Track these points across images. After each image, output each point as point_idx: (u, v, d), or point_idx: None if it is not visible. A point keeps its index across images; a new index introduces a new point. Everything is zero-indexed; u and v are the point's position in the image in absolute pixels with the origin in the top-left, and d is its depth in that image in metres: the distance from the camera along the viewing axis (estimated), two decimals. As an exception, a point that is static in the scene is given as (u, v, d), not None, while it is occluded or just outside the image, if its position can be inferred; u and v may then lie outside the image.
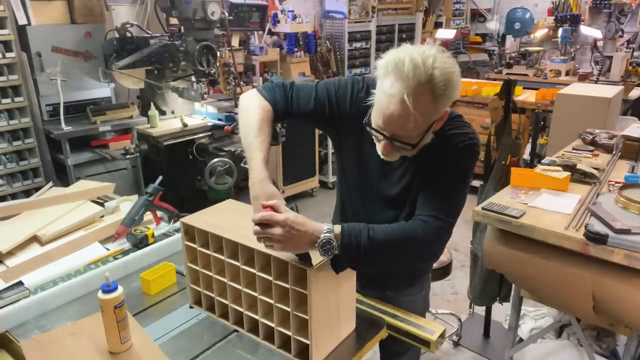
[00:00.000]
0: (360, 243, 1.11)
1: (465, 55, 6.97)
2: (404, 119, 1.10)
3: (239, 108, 1.37)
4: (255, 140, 1.24)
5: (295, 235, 1.05)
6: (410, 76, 1.06)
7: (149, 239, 1.73)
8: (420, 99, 1.08)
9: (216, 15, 3.17)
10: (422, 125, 1.14)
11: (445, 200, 1.22)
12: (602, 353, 2.23)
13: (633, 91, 4.69)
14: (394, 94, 1.09)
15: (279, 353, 1.22)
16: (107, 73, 3.43)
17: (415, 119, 1.09)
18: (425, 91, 1.08)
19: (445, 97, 1.10)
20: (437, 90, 1.08)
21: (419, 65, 1.06)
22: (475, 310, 2.97)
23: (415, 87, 1.07)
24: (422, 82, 1.07)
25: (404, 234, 1.17)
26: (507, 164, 2.39)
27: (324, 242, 1.07)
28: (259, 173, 1.17)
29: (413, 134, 1.15)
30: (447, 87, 1.09)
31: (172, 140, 3.31)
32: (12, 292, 1.44)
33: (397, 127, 1.13)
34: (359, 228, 1.13)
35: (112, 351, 1.19)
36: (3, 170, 3.06)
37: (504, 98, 2.50)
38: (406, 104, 1.07)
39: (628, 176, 2.03)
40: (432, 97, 1.09)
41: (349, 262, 1.13)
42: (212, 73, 3.33)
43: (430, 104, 1.10)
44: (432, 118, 1.14)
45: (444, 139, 1.24)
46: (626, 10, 5.86)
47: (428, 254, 1.26)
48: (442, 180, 1.24)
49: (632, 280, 1.53)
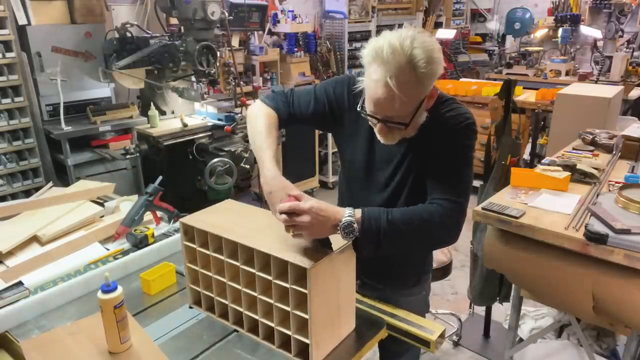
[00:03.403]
0: (380, 226, 1.15)
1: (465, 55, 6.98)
2: (391, 101, 1.16)
3: (247, 120, 1.45)
4: (263, 143, 1.30)
5: (321, 221, 1.11)
6: (390, 60, 1.13)
7: (148, 239, 1.72)
8: (403, 79, 1.13)
9: (216, 15, 3.17)
10: (410, 104, 1.19)
11: (454, 182, 1.26)
12: (602, 353, 2.23)
13: (633, 91, 4.69)
14: (378, 79, 1.15)
15: (278, 353, 1.22)
16: (107, 73, 3.43)
17: (401, 99, 1.15)
18: (407, 71, 1.13)
19: (428, 74, 1.15)
20: (418, 69, 1.13)
21: (397, 48, 1.12)
22: (475, 310, 2.97)
23: (397, 69, 1.13)
24: (402, 64, 1.12)
25: (422, 218, 1.20)
26: (507, 164, 2.39)
27: (345, 225, 1.12)
28: (270, 170, 1.23)
29: (403, 114, 1.21)
30: (428, 64, 1.13)
31: (172, 140, 3.30)
32: (12, 292, 1.44)
33: (387, 109, 1.20)
34: (378, 212, 1.17)
35: (112, 351, 1.19)
36: (3, 170, 3.06)
37: (504, 98, 2.50)
38: (390, 86, 1.13)
39: (628, 176, 2.03)
40: (415, 76, 1.14)
41: (370, 244, 1.17)
42: (212, 73, 3.33)
43: (414, 83, 1.15)
44: (419, 96, 1.20)
45: (441, 122, 1.29)
46: (626, 10, 5.86)
47: (446, 237, 1.28)
48: (448, 163, 1.28)
49: (632, 280, 1.53)
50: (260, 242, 1.18)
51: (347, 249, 1.19)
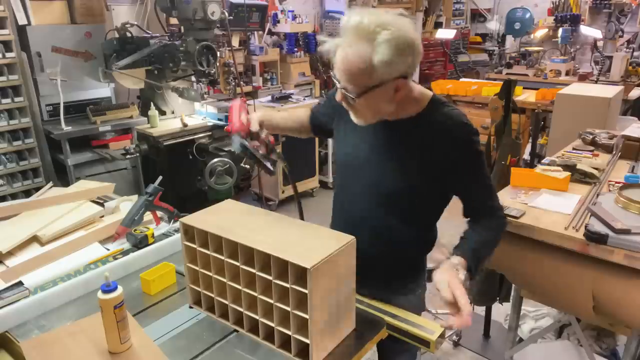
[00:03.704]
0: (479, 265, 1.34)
1: (465, 55, 6.98)
2: (347, 67, 1.20)
3: None
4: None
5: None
6: (354, 32, 1.17)
7: (148, 239, 1.72)
8: (359, 53, 1.16)
9: (216, 15, 3.17)
10: (361, 78, 1.20)
11: (489, 189, 1.41)
12: (602, 353, 2.23)
13: (633, 91, 4.69)
14: (340, 44, 1.20)
15: (278, 353, 1.22)
16: (107, 73, 3.43)
17: (352, 73, 1.19)
18: (365, 47, 1.16)
19: (386, 62, 1.16)
20: (376, 54, 1.15)
21: (365, 27, 1.16)
22: (475, 310, 2.97)
23: (357, 41, 1.16)
24: (362, 38, 1.16)
25: (497, 235, 1.42)
26: (507, 164, 2.39)
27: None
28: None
29: (354, 85, 1.22)
30: (389, 53, 1.15)
31: (172, 140, 3.30)
32: (12, 292, 1.44)
33: (343, 77, 1.22)
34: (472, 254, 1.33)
35: (112, 351, 1.19)
36: (3, 170, 3.06)
37: (504, 98, 2.50)
38: (348, 53, 1.18)
39: (628, 176, 2.03)
40: (370, 59, 1.16)
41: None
42: (212, 73, 3.33)
43: (369, 60, 1.16)
44: (371, 79, 1.20)
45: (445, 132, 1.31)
46: (626, 10, 5.86)
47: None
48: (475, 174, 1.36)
49: (632, 280, 1.53)
50: (261, 242, 1.18)
51: (347, 249, 1.19)
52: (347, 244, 1.18)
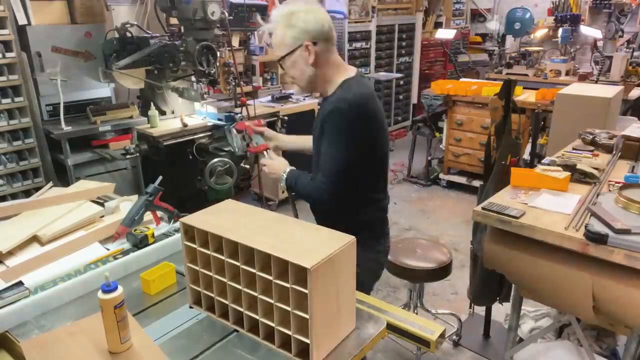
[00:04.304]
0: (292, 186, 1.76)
1: (465, 55, 6.99)
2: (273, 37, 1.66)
3: None
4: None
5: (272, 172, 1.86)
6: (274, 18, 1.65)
7: (149, 239, 1.72)
8: (278, 25, 1.63)
9: (216, 15, 3.16)
10: (280, 45, 1.64)
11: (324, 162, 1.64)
12: (602, 353, 2.23)
13: (633, 91, 4.69)
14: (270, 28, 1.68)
15: (279, 353, 1.22)
16: (107, 73, 3.43)
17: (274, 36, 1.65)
18: (282, 20, 1.62)
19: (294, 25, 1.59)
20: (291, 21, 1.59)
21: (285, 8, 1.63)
22: (475, 310, 2.97)
23: (277, 17, 1.63)
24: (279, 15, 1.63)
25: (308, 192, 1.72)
26: (507, 164, 2.39)
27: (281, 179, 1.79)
28: None
29: (277, 52, 1.67)
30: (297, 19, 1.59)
31: (172, 140, 3.30)
32: (12, 292, 1.44)
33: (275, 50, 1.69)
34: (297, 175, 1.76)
35: (112, 351, 1.19)
36: (3, 170, 3.06)
37: (504, 98, 2.50)
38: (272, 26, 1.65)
39: (628, 176, 2.03)
40: (285, 24, 1.61)
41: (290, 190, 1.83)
42: (212, 73, 3.33)
43: (283, 28, 1.62)
44: (286, 41, 1.62)
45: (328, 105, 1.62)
46: (626, 10, 5.87)
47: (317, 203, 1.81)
48: (324, 142, 1.63)
49: (632, 281, 1.53)
50: (261, 242, 1.18)
51: (348, 249, 1.19)
52: (347, 243, 1.18)
